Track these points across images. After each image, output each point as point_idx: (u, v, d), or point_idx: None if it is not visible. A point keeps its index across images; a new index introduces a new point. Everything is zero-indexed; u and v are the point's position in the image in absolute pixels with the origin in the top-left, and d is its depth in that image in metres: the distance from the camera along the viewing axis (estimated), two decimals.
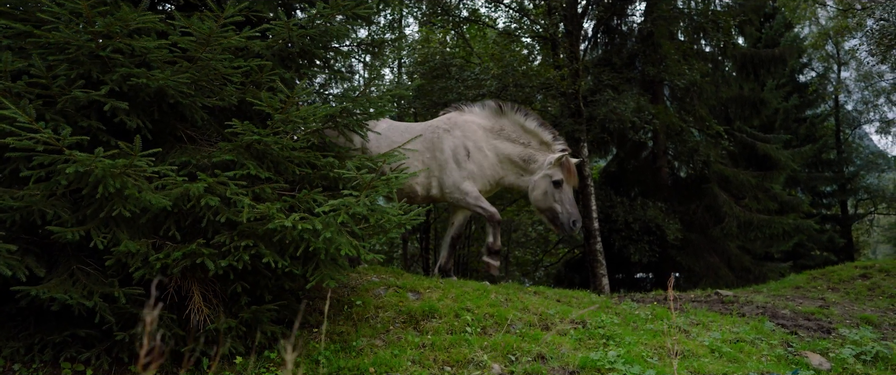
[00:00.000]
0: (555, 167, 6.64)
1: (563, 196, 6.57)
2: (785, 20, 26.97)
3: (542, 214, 6.79)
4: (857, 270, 8.43)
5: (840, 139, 30.33)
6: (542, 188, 6.66)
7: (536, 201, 6.74)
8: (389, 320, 5.21)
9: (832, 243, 27.53)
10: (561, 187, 6.57)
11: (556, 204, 6.57)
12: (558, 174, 6.60)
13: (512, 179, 6.96)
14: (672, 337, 5.05)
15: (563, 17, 12.65)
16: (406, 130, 7.08)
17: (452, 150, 6.78)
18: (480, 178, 6.81)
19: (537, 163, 6.77)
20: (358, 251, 4.31)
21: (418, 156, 6.83)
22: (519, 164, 6.86)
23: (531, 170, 6.80)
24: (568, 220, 6.50)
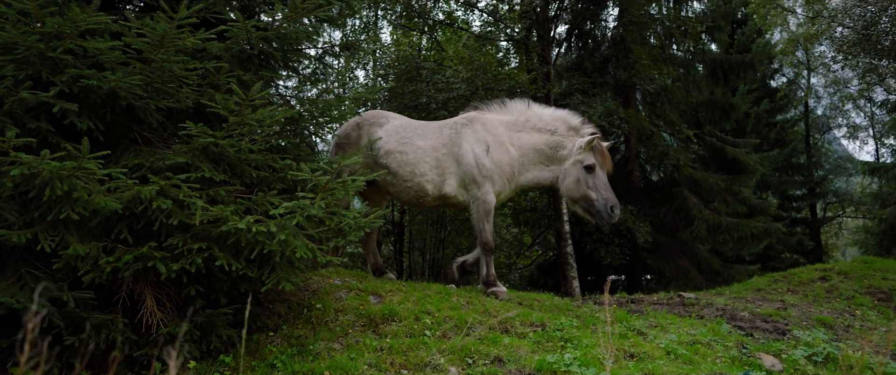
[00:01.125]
0: (586, 151, 6.12)
1: (598, 182, 6.05)
2: (756, 26, 27.41)
3: (577, 205, 6.27)
4: (817, 272, 8.60)
5: (809, 144, 30.89)
6: (573, 176, 6.15)
7: (569, 190, 6.22)
8: (349, 323, 5.19)
9: (801, 245, 28.03)
10: (594, 172, 6.06)
11: (590, 191, 6.05)
12: (590, 159, 6.09)
13: (536, 172, 6.43)
14: (629, 340, 5.10)
15: (533, 22, 12.73)
16: (420, 128, 6.83)
17: (472, 145, 6.37)
18: (499, 177, 6.33)
19: (566, 150, 6.27)
20: (314, 253, 4.29)
21: (431, 153, 6.52)
22: (546, 152, 6.35)
23: (560, 158, 6.29)
24: (605, 206, 5.98)
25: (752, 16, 26.91)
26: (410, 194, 6.69)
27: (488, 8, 15.01)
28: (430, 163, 6.51)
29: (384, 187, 6.98)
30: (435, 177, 6.51)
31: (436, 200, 6.69)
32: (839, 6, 13.34)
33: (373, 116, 7.21)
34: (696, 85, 17.85)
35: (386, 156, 6.73)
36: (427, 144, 6.59)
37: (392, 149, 6.68)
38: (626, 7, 14.48)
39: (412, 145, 6.63)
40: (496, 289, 6.38)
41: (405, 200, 6.91)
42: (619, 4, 15.88)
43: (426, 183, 6.54)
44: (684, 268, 15.18)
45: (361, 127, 7.06)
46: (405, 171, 6.60)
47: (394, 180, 6.71)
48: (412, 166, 6.56)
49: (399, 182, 6.67)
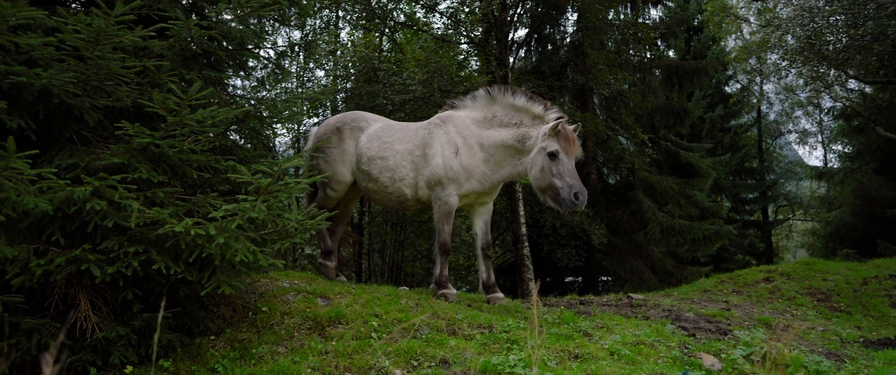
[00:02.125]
0: (550, 138, 5.81)
1: (562, 168, 5.71)
2: (712, 34, 28.10)
3: (545, 194, 5.90)
4: (762, 274, 8.84)
5: (762, 148, 31.79)
6: (538, 165, 5.84)
7: (536, 181, 5.93)
8: (295, 326, 5.14)
9: (753, 247, 28.81)
10: (558, 159, 5.73)
11: (555, 179, 5.71)
12: (553, 145, 5.76)
13: (510, 168, 6.21)
14: (574, 341, 5.16)
15: (492, 25, 12.82)
16: (400, 131, 6.74)
17: (442, 146, 6.30)
18: (467, 179, 6.23)
19: (532, 139, 6.00)
20: (256, 256, 4.23)
21: (408, 156, 6.47)
22: (515, 147, 6.11)
23: (528, 148, 6.02)
24: (569, 193, 5.58)
25: (707, 24, 27.60)
26: (392, 200, 6.65)
27: (449, 11, 15.06)
28: (407, 168, 6.47)
29: (367, 194, 6.94)
30: (413, 181, 6.48)
31: (416, 204, 6.63)
32: (789, 16, 13.75)
33: (352, 118, 7.12)
34: (652, 90, 18.20)
35: (368, 163, 6.66)
36: (405, 147, 6.54)
37: (374, 155, 6.64)
38: (584, 12, 14.69)
39: (392, 149, 6.58)
40: (446, 291, 6.37)
41: (388, 205, 6.86)
42: (577, 10, 16.11)
43: (405, 188, 6.51)
44: (639, 270, 15.45)
45: (342, 131, 6.98)
46: (386, 177, 6.56)
47: (375, 186, 6.66)
48: (392, 171, 6.52)
49: (380, 189, 6.64)
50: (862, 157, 21.94)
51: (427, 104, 11.50)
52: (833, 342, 6.21)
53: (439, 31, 15.25)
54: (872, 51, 9.81)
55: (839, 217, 21.86)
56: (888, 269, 9.55)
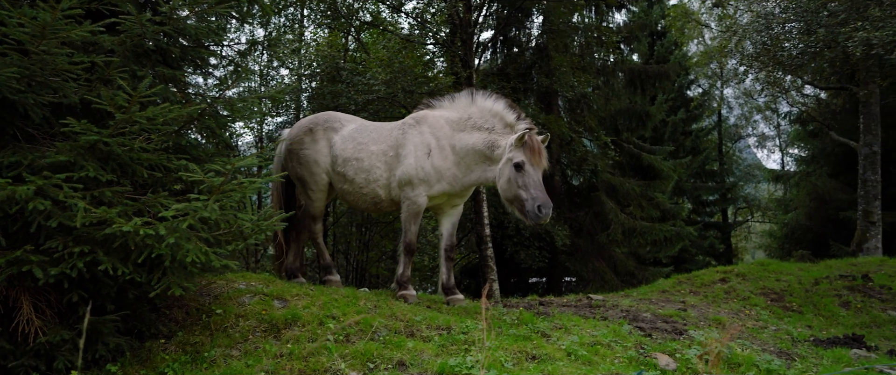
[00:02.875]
0: (517, 148, 5.71)
1: (527, 180, 5.61)
2: (674, 39, 28.63)
3: (512, 206, 5.82)
4: (718, 274, 9.01)
5: (722, 152, 32.50)
6: (505, 176, 5.76)
7: (503, 191, 5.85)
8: (249, 329, 5.05)
9: (713, 248, 29.41)
10: (523, 170, 5.63)
11: (520, 190, 5.63)
12: (519, 156, 5.66)
13: (479, 173, 6.13)
14: (532, 342, 5.18)
15: (456, 26, 12.84)
16: (374, 131, 6.66)
17: (415, 146, 6.22)
18: (438, 181, 6.17)
19: (500, 148, 5.91)
20: (209, 257, 4.15)
21: (382, 157, 6.40)
22: (484, 152, 6.02)
23: (497, 157, 5.92)
24: (533, 206, 5.51)
25: (670, 28, 28.12)
26: (367, 201, 6.58)
27: (415, 11, 15.05)
28: (382, 169, 6.40)
29: (342, 195, 6.84)
30: (386, 182, 6.42)
31: (391, 205, 6.56)
32: (747, 22, 14.07)
33: (325, 119, 7.00)
34: (615, 93, 18.44)
35: (343, 164, 6.58)
36: (379, 148, 6.47)
37: (349, 157, 6.56)
38: (549, 15, 14.81)
39: (367, 150, 6.51)
40: (406, 292, 6.33)
41: (363, 207, 6.77)
42: (542, 12, 16.24)
43: (380, 189, 6.45)
44: (601, 270, 15.63)
45: (314, 132, 6.87)
46: (361, 178, 6.49)
47: (351, 187, 6.59)
48: (367, 172, 6.46)
49: (356, 190, 6.57)
50: (817, 160, 22.56)
51: (391, 105, 11.45)
52: (784, 341, 6.36)
53: (405, 31, 15.22)
54: (824, 57, 10.10)
55: (795, 219, 22.44)
56: (838, 269, 9.83)
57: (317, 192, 6.90)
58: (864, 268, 9.93)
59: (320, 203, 7.00)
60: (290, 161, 6.98)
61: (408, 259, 6.42)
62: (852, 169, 17.63)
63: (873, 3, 8.52)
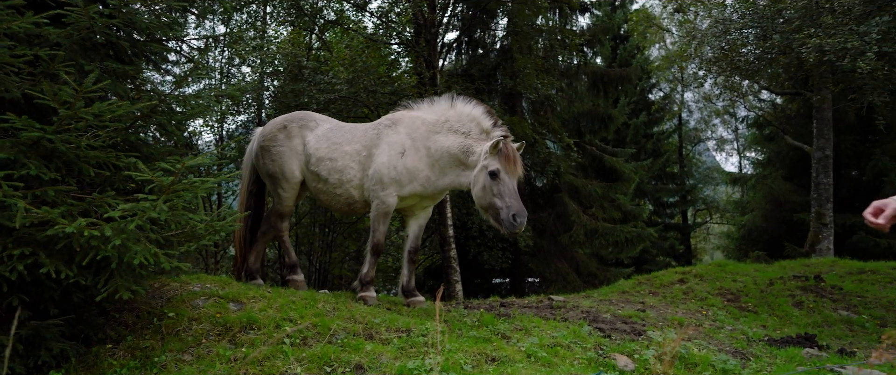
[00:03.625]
0: (491, 156, 5.63)
1: (503, 188, 5.55)
2: (637, 43, 29.07)
3: (487, 214, 5.76)
4: (677, 275, 9.13)
5: (682, 154, 33.14)
6: (480, 183, 5.68)
7: (478, 199, 5.77)
8: (203, 332, 4.91)
9: (673, 249, 29.97)
10: (498, 179, 5.55)
11: (495, 199, 5.57)
12: (494, 164, 5.59)
13: (453, 177, 6.06)
14: (492, 344, 5.16)
15: (420, 26, 12.79)
16: (349, 131, 6.54)
17: (389, 146, 6.14)
18: (410, 182, 6.08)
19: (475, 155, 5.82)
20: (158, 259, 4.01)
21: (356, 157, 6.31)
22: (459, 157, 5.95)
23: (471, 164, 5.86)
24: (508, 215, 5.48)
25: (632, 32, 28.56)
26: (341, 202, 6.46)
27: (379, 11, 14.96)
28: (355, 169, 6.30)
29: (316, 195, 6.71)
30: (360, 183, 6.32)
31: (364, 206, 6.44)
32: (706, 28, 14.34)
33: (300, 117, 6.87)
34: (578, 96, 18.64)
35: (317, 164, 6.45)
36: (353, 148, 6.36)
37: (323, 156, 6.44)
38: (513, 17, 14.88)
39: (341, 150, 6.40)
40: (366, 294, 6.24)
41: (336, 208, 6.65)
42: (507, 14, 16.31)
43: (353, 190, 6.34)
44: (564, 271, 15.75)
45: (288, 129, 6.73)
46: (334, 178, 6.38)
47: (325, 187, 6.46)
48: (340, 173, 6.35)
49: (329, 190, 6.45)
50: (772, 164, 23.13)
51: (354, 104, 11.33)
52: (740, 340, 6.47)
53: (369, 31, 15.11)
54: (780, 63, 10.34)
55: (751, 221, 22.98)
56: (792, 270, 10.06)
57: (288, 190, 6.78)
58: (816, 269, 10.19)
59: (290, 202, 6.87)
60: (261, 158, 6.83)
61: (374, 260, 6.34)
62: (806, 172, 18.14)
63: (826, 11, 8.76)
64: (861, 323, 7.67)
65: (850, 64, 8.28)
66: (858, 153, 19.80)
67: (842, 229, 17.04)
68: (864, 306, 8.24)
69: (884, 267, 10.16)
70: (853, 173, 20.20)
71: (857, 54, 8.04)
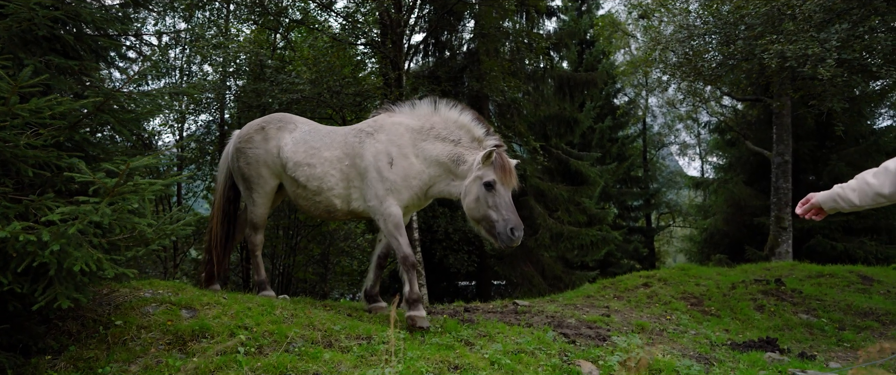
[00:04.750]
0: (486, 167, 5.40)
1: (499, 200, 5.33)
2: (602, 48, 29.37)
3: (479, 226, 5.51)
4: (641, 279, 9.15)
5: (646, 159, 33.59)
6: (473, 194, 5.44)
7: (470, 211, 5.51)
8: (152, 341, 4.67)
9: (637, 252, 30.32)
10: (494, 190, 5.34)
11: (491, 211, 5.33)
12: (490, 175, 5.36)
13: (442, 186, 5.83)
14: (455, 351, 5.03)
15: (386, 27, 12.64)
16: (328, 136, 6.22)
17: (374, 156, 5.82)
18: (406, 189, 5.78)
19: (467, 164, 5.59)
20: (102, 265, 3.78)
21: (337, 164, 6.01)
22: (448, 166, 5.72)
23: (461, 173, 5.63)
24: (505, 228, 5.25)
25: (598, 37, 28.85)
26: (320, 209, 6.18)
27: (345, 11, 14.77)
28: (336, 177, 5.99)
29: (294, 200, 6.39)
30: (342, 191, 6.00)
31: (346, 215, 6.20)
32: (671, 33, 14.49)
33: (278, 118, 6.57)
34: (545, 99, 18.69)
35: (295, 168, 6.15)
36: (333, 155, 6.06)
37: (300, 161, 6.13)
38: (480, 19, 14.84)
39: (320, 156, 6.09)
40: (415, 314, 5.58)
41: (315, 214, 6.35)
42: (474, 16, 16.27)
43: (335, 198, 6.03)
44: (529, 274, 15.74)
45: (266, 131, 6.43)
46: (313, 185, 6.08)
47: (303, 193, 6.16)
48: (320, 180, 6.05)
49: (309, 196, 6.15)
50: (733, 168, 23.57)
51: (317, 105, 11.12)
52: (703, 345, 6.47)
53: (336, 31, 14.90)
54: (742, 69, 10.48)
55: (713, 224, 23.36)
56: (754, 274, 10.18)
57: (262, 196, 6.49)
58: (776, 272, 10.33)
59: (263, 209, 6.56)
60: (237, 161, 6.53)
61: (411, 274, 5.80)
62: (766, 177, 18.50)
63: (787, 18, 8.88)
64: (820, 327, 7.77)
65: (811, 70, 8.41)
66: (816, 159, 20.29)
67: (800, 233, 17.41)
68: (823, 309, 8.36)
69: (841, 271, 10.35)
70: (811, 178, 20.69)
71: (817, 61, 8.16)
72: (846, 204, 2.62)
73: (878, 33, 8.87)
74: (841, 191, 2.66)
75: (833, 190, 2.73)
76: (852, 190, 2.61)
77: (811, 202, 2.83)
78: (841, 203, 2.65)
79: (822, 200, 2.75)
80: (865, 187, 2.55)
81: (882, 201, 2.53)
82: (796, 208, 2.94)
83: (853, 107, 12.60)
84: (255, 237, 6.65)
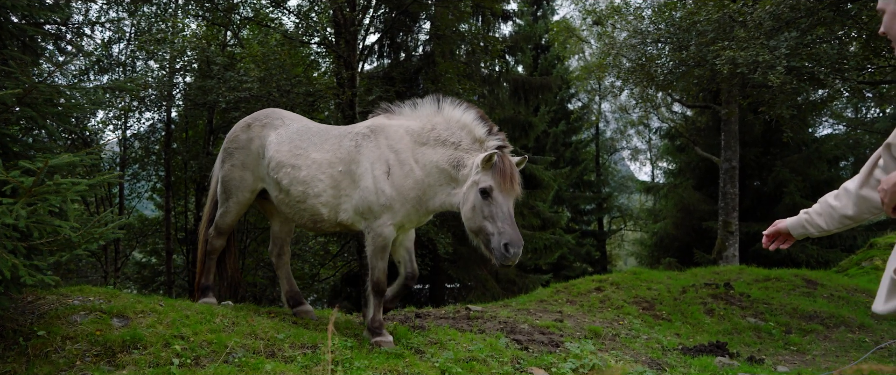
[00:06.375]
0: (484, 171, 4.72)
1: (495, 210, 4.65)
2: (557, 53, 29.65)
3: (477, 238, 4.84)
4: (594, 283, 9.13)
5: (599, 163, 34.04)
6: (470, 202, 4.77)
7: (467, 221, 4.86)
8: (78, 353, 4.34)
9: (590, 256, 30.69)
10: (491, 198, 4.66)
11: (486, 222, 4.67)
12: (487, 180, 4.68)
13: (443, 197, 5.08)
14: (405, 360, 4.85)
15: (340, 26, 12.38)
16: (318, 135, 5.57)
17: (371, 164, 5.17)
18: (402, 204, 5.11)
19: (466, 169, 4.90)
20: (18, 271, 3.47)
21: (327, 169, 5.33)
22: (449, 172, 5.00)
23: (461, 179, 4.93)
24: (498, 243, 4.56)
25: (553, 42, 29.09)
26: (305, 218, 5.50)
27: (299, 9, 14.43)
28: (325, 182, 5.32)
29: (278, 206, 5.73)
30: (331, 199, 5.32)
31: (334, 226, 5.51)
32: (624, 39, 14.65)
33: (265, 115, 5.96)
34: (500, 103, 18.69)
35: (277, 169, 5.51)
36: (323, 157, 5.39)
37: (284, 161, 5.48)
38: (436, 21, 14.72)
39: (307, 158, 5.42)
40: (380, 339, 5.21)
41: (300, 223, 5.69)
42: (430, 18, 16.15)
43: (321, 206, 5.35)
44: (483, 278, 15.66)
45: (251, 128, 5.83)
46: (297, 190, 5.41)
47: (286, 198, 5.51)
48: (305, 184, 5.37)
49: (292, 202, 5.48)
50: (683, 173, 24.05)
51: (266, 104, 10.77)
52: (655, 350, 6.46)
53: (289, 29, 14.56)
54: (694, 75, 10.62)
55: (663, 228, 23.78)
56: (704, 278, 10.31)
57: (239, 202, 5.87)
58: (726, 276, 10.48)
59: (233, 216, 5.95)
60: (222, 162, 5.98)
61: (378, 301, 5.36)
62: (714, 182, 18.92)
63: (738, 25, 9.03)
64: (768, 330, 7.88)
65: (762, 77, 8.55)
66: (761, 165, 20.87)
67: (746, 237, 17.84)
68: (771, 313, 8.49)
69: (787, 275, 10.57)
70: (756, 183, 21.26)
71: (767, 68, 8.30)
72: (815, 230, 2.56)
73: (823, 43, 9.10)
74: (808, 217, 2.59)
75: (800, 216, 2.66)
76: (818, 215, 2.54)
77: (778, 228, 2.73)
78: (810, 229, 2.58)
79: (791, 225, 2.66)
80: (830, 211, 2.48)
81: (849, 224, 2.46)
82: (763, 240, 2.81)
83: (798, 115, 12.94)
84: (217, 241, 6.10)
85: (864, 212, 2.38)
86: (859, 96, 12.43)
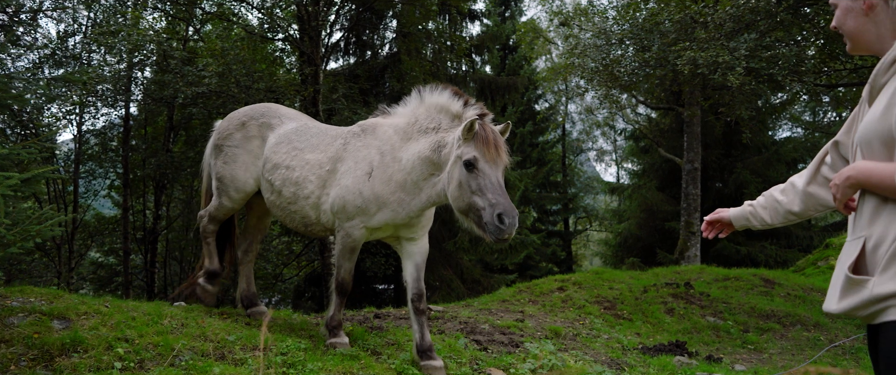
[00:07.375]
0: (466, 143, 4.34)
1: (483, 181, 4.24)
2: (524, 53, 29.77)
3: (468, 218, 4.41)
4: (556, 283, 9.13)
5: (565, 164, 34.25)
6: (455, 180, 4.39)
7: (454, 201, 4.42)
8: (13, 357, 4.12)
9: (555, 256, 30.84)
10: (477, 170, 4.27)
11: (475, 197, 4.25)
12: (469, 151, 4.30)
13: (429, 191, 4.72)
14: (360, 361, 4.74)
15: (305, 21, 12.17)
16: (316, 136, 5.35)
17: (355, 163, 4.94)
18: (377, 208, 4.82)
19: (447, 147, 4.55)
20: None
21: (317, 169, 5.12)
22: (433, 159, 4.65)
23: (444, 160, 4.57)
24: (491, 215, 4.11)
25: (520, 43, 29.19)
26: (296, 221, 5.28)
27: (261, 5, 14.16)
28: (314, 183, 5.11)
29: (270, 208, 5.51)
30: (317, 201, 5.12)
31: (323, 230, 5.31)
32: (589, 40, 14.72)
33: (261, 112, 5.70)
34: None
35: (272, 171, 5.30)
36: (316, 158, 5.17)
37: (279, 162, 5.26)
38: (402, 19, 14.60)
39: (302, 158, 5.20)
40: (336, 340, 5.07)
41: (292, 227, 5.46)
42: (396, 16, 16.02)
43: (309, 209, 5.14)
44: (448, 278, 15.58)
45: (247, 126, 5.59)
46: (288, 192, 5.19)
47: (278, 200, 5.28)
48: (296, 186, 5.15)
49: (283, 205, 5.25)
50: (647, 174, 24.35)
51: (225, 100, 10.52)
52: (615, 349, 6.45)
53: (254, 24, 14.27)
54: (656, 75, 10.71)
55: (627, 229, 24.04)
56: (665, 277, 10.39)
57: (234, 201, 5.63)
58: (686, 276, 10.59)
59: (226, 211, 5.73)
60: (213, 157, 5.73)
61: (340, 300, 5.19)
62: (677, 183, 19.15)
63: (699, 26, 9.12)
64: (726, 329, 7.95)
65: (722, 78, 8.64)
66: (722, 167, 21.24)
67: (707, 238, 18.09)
68: (729, 312, 8.58)
69: (746, 274, 10.73)
70: (718, 184, 21.63)
71: (727, 69, 8.39)
72: (758, 222, 2.54)
73: (782, 46, 9.24)
74: (752, 209, 2.58)
75: (743, 207, 2.64)
76: (763, 208, 2.53)
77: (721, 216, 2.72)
78: (753, 221, 2.56)
79: (734, 216, 2.65)
80: (775, 205, 2.47)
81: (793, 219, 2.45)
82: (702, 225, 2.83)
83: (758, 117, 13.17)
84: (211, 226, 5.86)
85: (810, 209, 2.36)
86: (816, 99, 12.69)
